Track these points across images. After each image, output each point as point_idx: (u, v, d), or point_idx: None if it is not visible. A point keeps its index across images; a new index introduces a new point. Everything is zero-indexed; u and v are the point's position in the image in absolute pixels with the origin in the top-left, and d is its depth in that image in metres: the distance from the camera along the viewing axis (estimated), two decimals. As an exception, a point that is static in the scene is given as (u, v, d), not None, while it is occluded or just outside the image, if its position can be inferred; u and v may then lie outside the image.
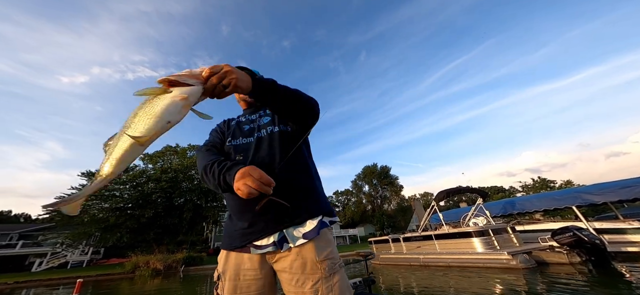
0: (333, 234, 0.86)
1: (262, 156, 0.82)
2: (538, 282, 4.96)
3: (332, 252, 0.75)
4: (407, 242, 9.87)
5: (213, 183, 0.75)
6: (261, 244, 0.74)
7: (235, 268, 0.76)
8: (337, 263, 0.74)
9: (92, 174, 20.21)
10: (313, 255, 0.72)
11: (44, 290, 12.32)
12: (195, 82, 0.53)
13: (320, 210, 0.79)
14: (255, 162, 0.80)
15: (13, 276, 16.68)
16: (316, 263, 0.71)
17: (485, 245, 7.15)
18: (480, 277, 5.80)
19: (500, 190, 53.46)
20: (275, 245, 0.73)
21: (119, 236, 19.04)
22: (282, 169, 0.77)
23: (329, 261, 0.72)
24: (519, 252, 6.42)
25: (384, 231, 36.12)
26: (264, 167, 0.69)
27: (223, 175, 0.71)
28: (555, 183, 44.89)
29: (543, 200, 9.51)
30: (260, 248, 0.74)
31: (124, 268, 16.39)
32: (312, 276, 0.70)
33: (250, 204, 0.73)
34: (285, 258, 0.74)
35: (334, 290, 0.69)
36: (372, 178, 45.30)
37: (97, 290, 10.73)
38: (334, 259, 0.74)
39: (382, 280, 7.19)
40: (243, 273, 0.75)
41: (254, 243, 0.75)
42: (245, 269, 0.75)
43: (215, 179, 0.73)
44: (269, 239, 0.74)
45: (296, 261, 0.72)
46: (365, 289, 2.31)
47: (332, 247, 0.76)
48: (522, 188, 48.40)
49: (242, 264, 0.76)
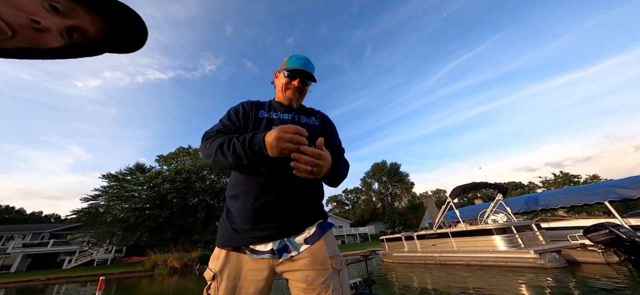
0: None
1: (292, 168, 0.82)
2: (571, 283, 4.58)
3: (337, 250, 0.80)
4: (422, 240, 9.57)
5: (232, 156, 0.68)
6: (260, 250, 0.74)
7: (235, 268, 0.74)
8: (342, 260, 0.79)
9: (113, 176, 21.35)
10: (324, 252, 0.75)
11: (73, 286, 13.16)
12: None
13: (320, 216, 0.83)
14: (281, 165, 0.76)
15: (46, 273, 17.98)
16: (327, 259, 0.75)
17: (508, 244, 6.76)
18: (505, 277, 5.46)
19: (519, 186, 50.96)
20: (273, 253, 0.74)
21: (139, 235, 19.96)
22: (301, 189, 0.79)
23: (337, 258, 0.77)
24: (547, 250, 6.00)
25: (395, 229, 35.54)
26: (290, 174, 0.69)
27: (249, 141, 0.67)
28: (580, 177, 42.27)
29: (570, 196, 8.83)
30: (258, 253, 0.74)
31: (144, 266, 17.18)
32: (324, 272, 0.73)
33: (255, 210, 0.75)
34: (290, 261, 0.75)
35: (343, 285, 0.74)
36: (382, 175, 44.63)
37: (120, 288, 11.30)
38: (340, 257, 0.79)
39: (396, 279, 7.00)
40: (244, 273, 0.73)
41: (252, 247, 0.74)
42: (248, 269, 0.74)
43: (237, 150, 0.67)
44: (268, 246, 0.74)
45: (306, 259, 0.74)
46: (365, 289, 2.30)
47: (336, 245, 0.82)
48: (543, 183, 45.91)
49: (244, 264, 0.74)
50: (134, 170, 22.51)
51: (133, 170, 22.47)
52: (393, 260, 10.39)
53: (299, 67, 0.87)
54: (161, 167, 24.37)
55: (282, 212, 0.76)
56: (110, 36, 0.39)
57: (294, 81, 0.89)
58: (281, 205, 0.76)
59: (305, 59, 0.89)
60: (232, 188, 0.82)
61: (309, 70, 0.88)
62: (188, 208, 22.60)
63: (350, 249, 23.74)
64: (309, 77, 0.89)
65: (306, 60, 0.89)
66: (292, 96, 0.90)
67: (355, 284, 2.30)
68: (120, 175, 21.71)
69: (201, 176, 23.55)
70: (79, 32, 0.37)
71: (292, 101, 0.91)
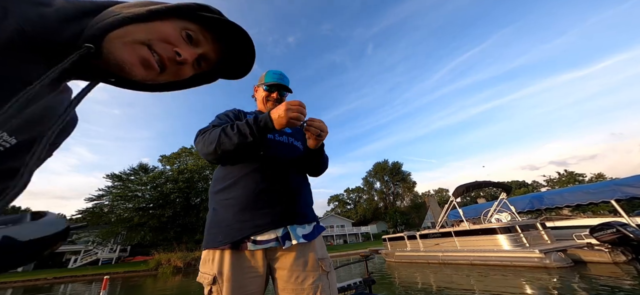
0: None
1: (287, 155, 0.87)
2: (577, 283, 4.52)
3: (327, 252, 0.84)
4: (424, 239, 9.52)
5: (237, 136, 0.71)
6: (262, 239, 0.73)
7: (234, 266, 0.71)
8: (331, 262, 0.82)
9: (117, 176, 21.57)
10: (314, 254, 0.77)
11: (79, 285, 13.33)
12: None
13: (315, 218, 0.87)
14: (280, 156, 0.85)
15: (52, 272, 18.24)
16: (317, 261, 0.77)
17: (513, 243, 6.68)
18: (509, 277, 5.41)
19: (523, 184, 50.51)
20: (278, 241, 0.73)
21: (143, 235, 20.17)
22: (297, 179, 0.86)
23: (327, 260, 0.80)
24: (553, 250, 5.93)
25: (397, 228, 35.42)
26: (286, 161, 0.84)
27: (253, 119, 0.71)
28: (585, 176, 41.72)
29: (576, 194, 8.69)
30: (261, 243, 0.72)
31: (147, 265, 17.35)
32: (313, 273, 0.74)
33: (257, 196, 0.76)
34: (287, 255, 0.75)
35: (331, 287, 0.77)
36: (384, 174, 44.48)
37: (124, 287, 11.41)
38: (329, 259, 0.82)
39: (398, 278, 6.97)
40: (245, 270, 0.72)
41: (253, 238, 0.72)
42: (247, 266, 0.72)
43: (241, 129, 0.71)
44: (271, 234, 0.74)
45: (299, 259, 0.75)
46: (365, 288, 2.28)
47: (325, 248, 0.85)
48: (547, 182, 45.40)
49: (243, 262, 0.72)
50: (138, 171, 22.73)
51: (136, 170, 22.69)
52: (396, 260, 10.35)
53: (275, 81, 0.98)
54: (164, 167, 24.56)
55: (285, 196, 0.78)
56: (226, 62, 0.40)
57: (272, 94, 0.99)
58: (284, 188, 0.80)
59: (281, 74, 1.01)
60: (223, 179, 0.81)
61: (284, 83, 1.00)
62: (191, 207, 22.76)
63: (352, 248, 23.69)
64: (286, 89, 1.01)
65: (281, 75, 1.01)
66: (272, 107, 0.97)
67: (355, 284, 2.28)
68: (124, 176, 21.93)
69: (203, 176, 23.70)
70: (206, 60, 0.38)
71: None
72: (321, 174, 0.98)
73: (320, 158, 0.90)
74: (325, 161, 0.94)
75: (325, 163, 0.95)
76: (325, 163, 0.96)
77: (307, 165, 0.91)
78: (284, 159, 0.84)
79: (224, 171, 0.83)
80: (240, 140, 0.70)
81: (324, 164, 0.95)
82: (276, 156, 0.83)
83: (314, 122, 0.75)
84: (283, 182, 0.80)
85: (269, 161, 0.81)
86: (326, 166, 0.97)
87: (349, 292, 2.18)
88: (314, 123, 0.75)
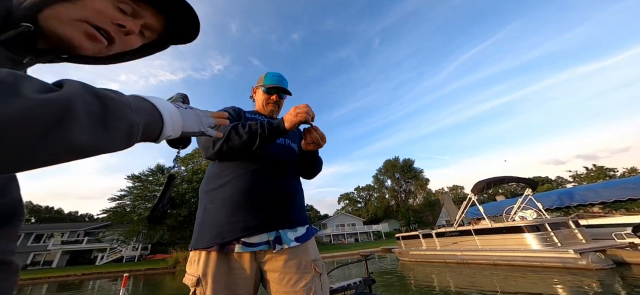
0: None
1: (283, 156, 0.88)
2: (621, 287, 4.08)
3: (319, 254, 0.83)
4: (441, 237, 9.14)
5: (247, 134, 0.72)
6: (253, 242, 0.72)
7: (220, 268, 0.69)
8: (323, 264, 0.81)
9: (136, 177, 22.69)
10: (307, 256, 0.77)
11: (105, 281, 14.17)
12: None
13: (307, 221, 0.86)
14: (276, 156, 0.85)
15: (82, 268, 19.57)
16: (310, 263, 0.76)
17: (542, 242, 6.21)
18: (539, 278, 5.01)
19: (547, 180, 47.48)
20: (269, 244, 0.73)
21: (162, 233, 21.07)
22: (292, 182, 0.87)
23: (319, 262, 0.79)
24: (590, 250, 5.43)
25: (410, 227, 34.57)
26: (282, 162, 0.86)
27: (266, 122, 0.73)
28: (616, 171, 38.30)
29: (613, 189, 7.92)
30: (251, 245, 0.71)
31: (166, 263, 18.13)
32: (306, 275, 0.73)
33: (250, 196, 0.75)
34: (278, 257, 0.73)
35: (324, 288, 0.76)
36: (394, 172, 43.55)
37: (146, 283, 11.96)
38: (321, 260, 0.81)
39: (413, 278, 6.71)
40: (232, 272, 0.70)
41: (244, 239, 0.71)
42: (234, 268, 0.70)
43: (252, 128, 0.72)
44: (262, 237, 0.73)
45: (291, 260, 0.73)
46: (365, 288, 2.26)
47: (317, 250, 0.84)
48: (573, 178, 42.26)
49: (231, 263, 0.70)
50: (155, 172, 23.74)
51: (154, 171, 23.71)
52: (410, 259, 10.04)
53: (275, 83, 0.97)
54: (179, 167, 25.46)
55: (279, 198, 0.78)
56: (171, 29, 0.42)
57: (272, 96, 0.98)
58: (279, 190, 0.79)
59: (280, 76, 1.00)
60: (217, 177, 0.80)
61: (283, 86, 0.99)
62: (205, 207, 23.43)
63: (364, 247, 23.44)
64: (285, 91, 1.00)
65: (280, 77, 1.00)
66: (272, 108, 1.00)
67: (355, 284, 2.26)
68: (143, 176, 23.01)
69: (216, 176, 24.29)
70: (149, 30, 0.40)
71: (272, 113, 1.00)
72: (314, 177, 1.00)
73: (315, 160, 0.92)
74: (319, 164, 0.97)
75: (319, 166, 0.97)
76: (320, 166, 0.98)
77: (301, 166, 0.93)
78: (280, 160, 0.85)
79: (218, 168, 0.82)
80: (250, 137, 0.71)
81: (318, 167, 0.97)
82: (273, 156, 0.84)
83: (318, 131, 0.78)
84: (278, 184, 0.80)
85: (266, 161, 0.81)
86: (320, 169, 0.99)
87: (349, 292, 2.14)
88: (318, 131, 0.77)
